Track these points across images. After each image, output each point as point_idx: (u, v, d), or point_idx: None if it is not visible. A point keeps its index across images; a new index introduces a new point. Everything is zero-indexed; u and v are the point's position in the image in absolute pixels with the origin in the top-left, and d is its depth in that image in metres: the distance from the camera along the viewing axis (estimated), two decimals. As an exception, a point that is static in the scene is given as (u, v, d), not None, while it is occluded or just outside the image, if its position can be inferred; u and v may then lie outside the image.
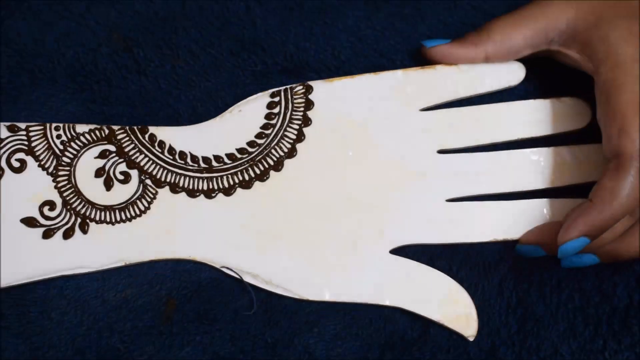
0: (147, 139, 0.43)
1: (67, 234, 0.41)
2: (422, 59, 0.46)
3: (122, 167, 0.42)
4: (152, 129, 0.43)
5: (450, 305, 0.41)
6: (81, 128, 0.43)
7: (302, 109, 0.44)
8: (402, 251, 0.42)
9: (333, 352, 0.41)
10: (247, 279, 0.41)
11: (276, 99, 0.44)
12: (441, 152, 0.44)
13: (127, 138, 0.43)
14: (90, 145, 0.42)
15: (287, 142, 0.43)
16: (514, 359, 0.41)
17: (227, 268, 0.41)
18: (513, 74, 0.45)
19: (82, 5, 0.46)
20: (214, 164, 0.43)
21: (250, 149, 0.43)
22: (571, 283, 0.42)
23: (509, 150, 0.44)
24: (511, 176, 0.43)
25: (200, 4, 0.47)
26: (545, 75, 0.46)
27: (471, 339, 0.40)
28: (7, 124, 0.42)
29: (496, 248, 0.43)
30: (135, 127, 0.43)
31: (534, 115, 0.45)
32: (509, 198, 0.43)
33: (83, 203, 0.42)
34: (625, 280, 0.42)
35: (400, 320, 0.41)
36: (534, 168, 0.43)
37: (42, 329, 0.40)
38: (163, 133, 0.43)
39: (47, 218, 0.41)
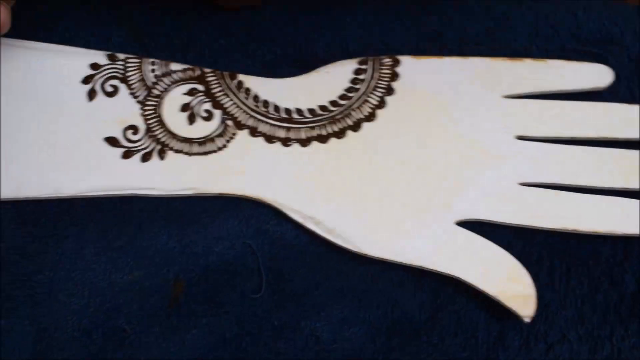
0: (234, 84, 0.45)
1: (145, 157, 0.43)
2: (430, 53, 0.47)
3: (207, 106, 0.44)
4: (240, 76, 0.45)
5: (510, 283, 0.41)
6: (175, 66, 0.45)
7: (387, 79, 0.46)
8: (466, 226, 0.42)
9: (340, 336, 0.40)
10: (310, 225, 0.42)
11: (364, 67, 0.46)
12: (519, 138, 0.44)
13: (216, 81, 0.45)
14: (181, 83, 0.45)
15: (368, 106, 0.45)
16: (522, 344, 0.40)
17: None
18: (600, 77, 0.46)
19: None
20: (295, 116, 0.45)
21: (331, 108, 0.45)
22: (580, 269, 0.42)
23: (587, 146, 0.44)
24: (587, 171, 0.44)
25: (210, -5, 0.48)
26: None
27: (527, 319, 0.40)
28: (108, 52, 0.45)
29: (505, 233, 0.43)
30: (225, 72, 0.45)
31: (616, 118, 0.45)
32: (582, 192, 0.43)
33: (165, 132, 0.43)
34: (635, 267, 0.42)
35: (407, 305, 0.41)
36: (610, 167, 0.44)
37: (49, 310, 0.40)
38: (250, 81, 0.45)
39: (129, 140, 0.43)
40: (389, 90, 0.45)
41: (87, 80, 0.44)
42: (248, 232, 0.43)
